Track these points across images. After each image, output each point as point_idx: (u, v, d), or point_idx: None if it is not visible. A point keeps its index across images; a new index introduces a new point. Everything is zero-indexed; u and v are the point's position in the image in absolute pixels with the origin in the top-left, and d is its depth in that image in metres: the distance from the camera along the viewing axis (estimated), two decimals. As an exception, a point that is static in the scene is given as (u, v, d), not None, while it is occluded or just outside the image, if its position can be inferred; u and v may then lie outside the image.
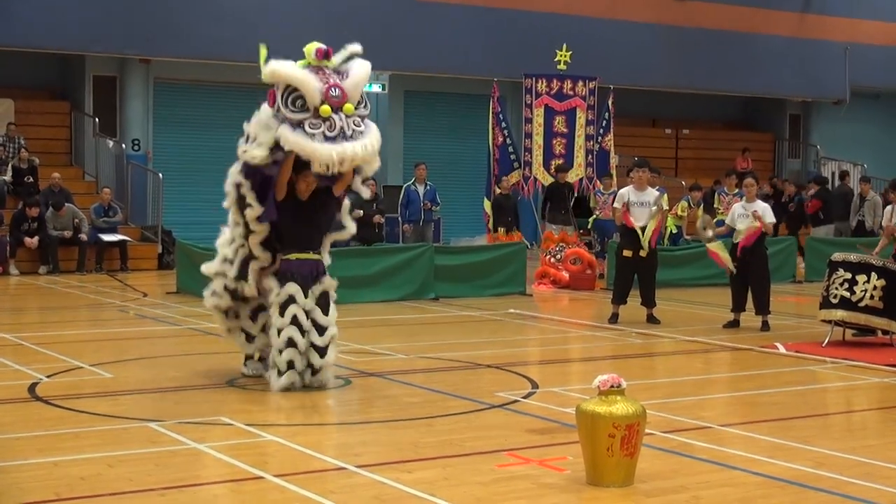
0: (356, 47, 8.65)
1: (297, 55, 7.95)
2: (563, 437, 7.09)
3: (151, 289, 17.01)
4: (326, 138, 8.13)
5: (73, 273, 19.33)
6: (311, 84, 8.21)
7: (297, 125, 8.17)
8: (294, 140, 8.15)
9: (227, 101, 24.58)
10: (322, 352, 8.67)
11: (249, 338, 9.24)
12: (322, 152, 8.11)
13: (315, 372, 8.73)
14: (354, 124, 8.26)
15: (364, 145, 8.25)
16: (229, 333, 9.38)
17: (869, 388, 9.52)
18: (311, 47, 8.43)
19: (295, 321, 8.55)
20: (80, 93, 23.20)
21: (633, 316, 13.42)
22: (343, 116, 8.22)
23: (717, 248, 12.86)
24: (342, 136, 8.16)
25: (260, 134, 8.46)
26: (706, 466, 6.57)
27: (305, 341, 8.60)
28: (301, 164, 8.43)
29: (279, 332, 8.58)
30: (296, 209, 8.69)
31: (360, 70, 8.50)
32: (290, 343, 8.56)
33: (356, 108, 8.36)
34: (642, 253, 13.11)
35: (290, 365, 8.58)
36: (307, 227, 8.79)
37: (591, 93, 20.16)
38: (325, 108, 8.16)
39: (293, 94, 8.24)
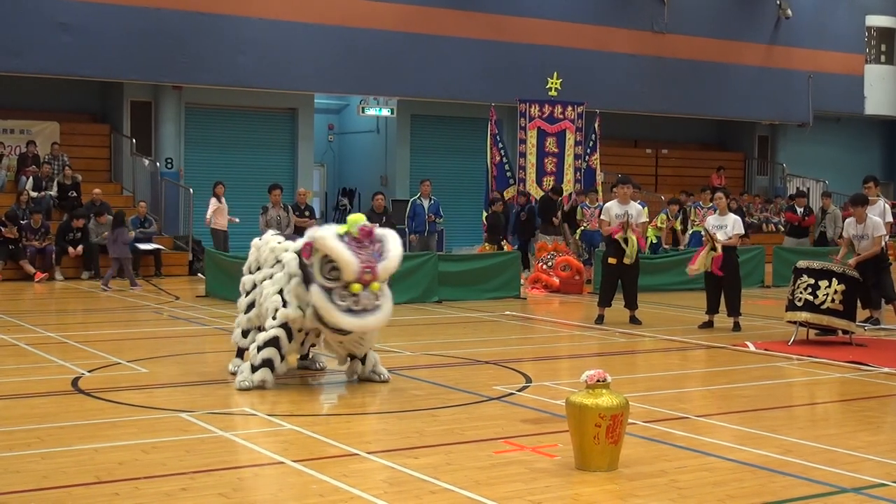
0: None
1: (314, 84, 7.84)
2: (554, 427, 7.07)
3: (183, 293, 17.00)
4: (350, 310, 8.11)
5: (113, 278, 19.28)
6: (349, 264, 8.11)
7: (328, 291, 8.15)
8: (323, 308, 8.14)
9: (251, 124, 24.69)
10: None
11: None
12: (345, 323, 8.15)
13: (363, 362, 8.76)
14: (376, 298, 8.22)
15: (379, 318, 8.26)
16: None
17: (830, 383, 9.49)
18: (357, 220, 8.35)
19: (285, 325, 8.44)
20: (119, 116, 23.23)
21: (617, 317, 13.40)
22: (370, 293, 8.18)
23: (704, 256, 12.73)
24: (364, 311, 8.16)
25: (298, 295, 8.42)
26: (684, 453, 6.55)
27: (290, 346, 8.51)
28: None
29: (266, 330, 8.48)
30: None
31: (396, 254, 8.38)
32: (272, 343, 8.43)
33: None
34: (625, 260, 13.12)
35: (267, 363, 8.41)
36: None
37: (579, 116, 20.20)
38: (356, 287, 8.13)
39: (330, 264, 8.17)
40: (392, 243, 8.45)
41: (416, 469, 6.04)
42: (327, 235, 8.25)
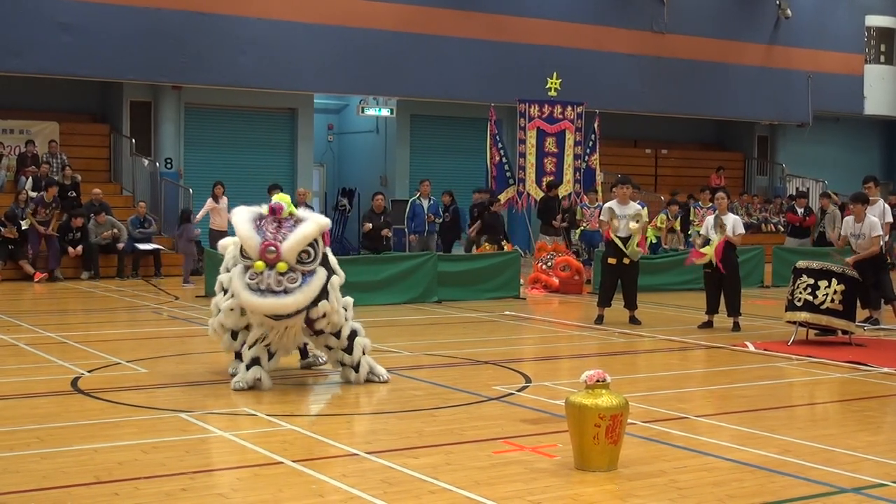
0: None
1: (313, 84, 7.82)
2: (554, 427, 7.08)
3: (182, 293, 17.00)
4: (256, 290, 8.09)
5: (113, 279, 19.35)
6: (250, 241, 8.17)
7: (245, 270, 8.20)
8: (235, 285, 8.28)
9: (250, 124, 24.70)
10: (348, 350, 8.70)
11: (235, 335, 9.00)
12: (249, 302, 8.17)
13: (344, 366, 8.75)
14: (289, 281, 8.09)
15: (287, 302, 8.08)
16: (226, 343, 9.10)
17: (830, 383, 9.50)
18: (276, 199, 8.36)
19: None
20: (119, 116, 23.24)
21: (616, 317, 13.41)
22: (273, 273, 8.08)
23: (705, 250, 12.72)
24: (269, 291, 8.07)
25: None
26: (683, 453, 6.56)
27: (279, 343, 8.50)
28: None
29: (254, 329, 8.49)
30: None
31: (302, 230, 8.22)
32: (261, 341, 8.45)
33: (300, 264, 8.17)
34: (625, 260, 13.13)
35: (255, 361, 8.42)
36: None
37: (578, 116, 20.19)
38: (259, 265, 8.12)
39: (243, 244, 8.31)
40: (306, 222, 8.32)
41: (416, 469, 6.04)
42: (237, 213, 8.38)
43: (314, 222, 8.34)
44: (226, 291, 8.96)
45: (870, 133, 33.98)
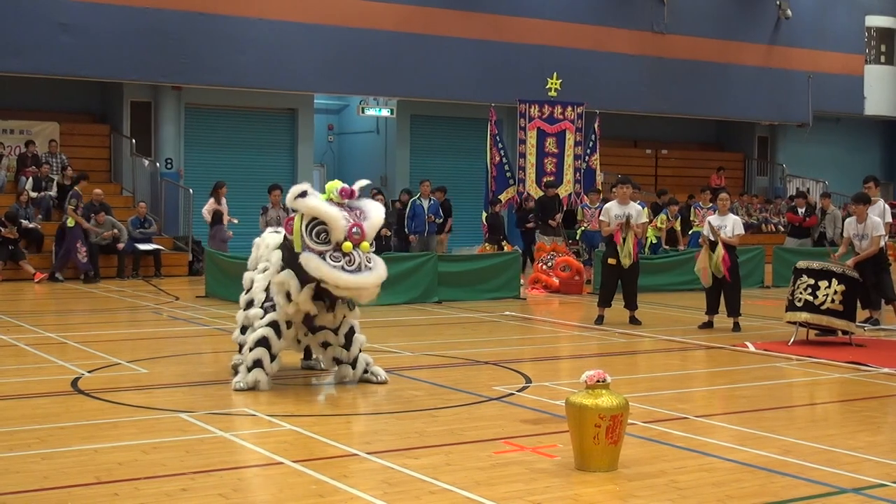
0: (365, 182, 8.82)
1: (313, 84, 7.90)
2: (554, 427, 7.08)
3: (183, 293, 17.00)
4: (345, 270, 8.13)
5: (113, 279, 19.35)
6: (339, 222, 8.19)
7: (319, 255, 8.17)
8: (319, 269, 8.12)
9: (250, 124, 24.71)
10: (346, 346, 8.71)
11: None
12: (346, 282, 8.14)
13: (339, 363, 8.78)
14: (367, 260, 8.27)
15: (377, 277, 8.30)
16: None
17: (830, 383, 9.50)
18: (335, 186, 8.41)
19: (273, 324, 8.47)
20: (119, 117, 23.25)
21: (616, 318, 13.41)
22: (360, 253, 8.24)
23: (705, 260, 12.68)
24: (359, 269, 8.19)
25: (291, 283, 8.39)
26: (683, 453, 6.56)
27: (280, 344, 8.53)
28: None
29: (256, 330, 8.50)
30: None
31: (378, 215, 8.49)
32: (262, 343, 8.45)
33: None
34: (623, 261, 13.13)
35: (258, 363, 8.43)
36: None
37: (579, 117, 20.22)
38: (348, 245, 8.17)
39: (318, 226, 8.21)
40: (371, 206, 8.58)
41: (416, 469, 6.04)
42: (312, 200, 8.32)
43: (378, 204, 8.72)
44: (248, 290, 9.00)
45: (870, 133, 34.00)
